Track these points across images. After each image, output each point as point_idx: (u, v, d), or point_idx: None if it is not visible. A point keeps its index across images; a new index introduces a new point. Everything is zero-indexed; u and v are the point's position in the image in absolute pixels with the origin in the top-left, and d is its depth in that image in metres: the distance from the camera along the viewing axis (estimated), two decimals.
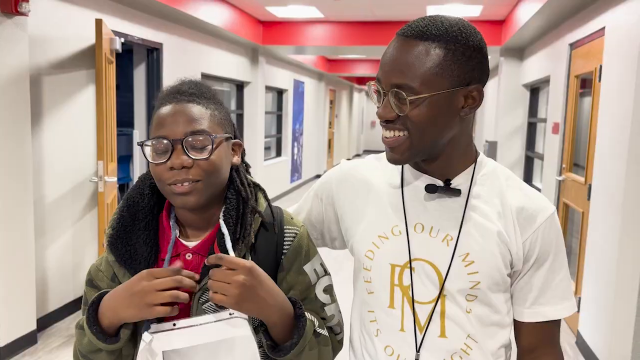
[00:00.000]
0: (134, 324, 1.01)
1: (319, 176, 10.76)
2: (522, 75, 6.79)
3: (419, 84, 0.93)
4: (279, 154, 10.10)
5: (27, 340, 3.44)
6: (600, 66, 3.58)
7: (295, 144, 10.77)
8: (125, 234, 1.05)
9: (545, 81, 5.73)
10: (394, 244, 1.05)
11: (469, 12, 6.23)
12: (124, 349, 1.02)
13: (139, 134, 5.09)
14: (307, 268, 1.09)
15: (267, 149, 9.51)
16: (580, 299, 3.73)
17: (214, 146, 1.00)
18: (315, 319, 1.07)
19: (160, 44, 5.22)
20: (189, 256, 1.04)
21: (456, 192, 1.03)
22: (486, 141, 7.53)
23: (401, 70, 0.94)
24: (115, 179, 3.87)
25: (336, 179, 1.19)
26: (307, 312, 1.05)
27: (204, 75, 6.34)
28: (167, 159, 0.98)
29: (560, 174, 4.64)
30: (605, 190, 3.34)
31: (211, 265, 0.98)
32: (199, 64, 6.18)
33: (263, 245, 1.06)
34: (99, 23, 3.60)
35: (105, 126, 3.59)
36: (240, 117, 7.88)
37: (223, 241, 1.01)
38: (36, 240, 3.60)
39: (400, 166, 1.10)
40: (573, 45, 4.46)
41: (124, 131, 5.88)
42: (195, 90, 1.04)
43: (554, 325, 1.07)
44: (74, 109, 3.97)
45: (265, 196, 1.12)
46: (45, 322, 3.74)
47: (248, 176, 1.12)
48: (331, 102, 14.26)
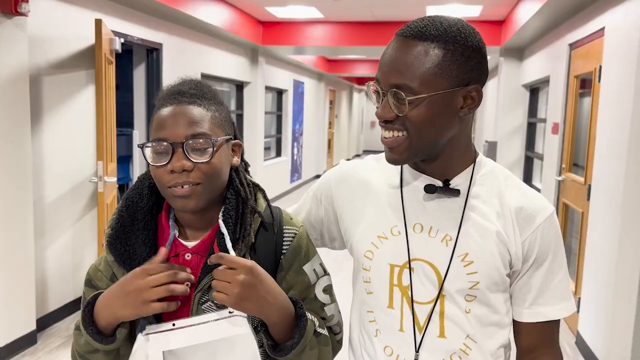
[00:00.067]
0: (131, 323, 1.01)
1: (318, 176, 10.76)
2: (522, 76, 6.79)
3: (417, 84, 0.93)
4: (278, 154, 10.10)
5: (27, 341, 3.44)
6: (600, 66, 3.58)
7: (295, 144, 10.76)
8: (125, 234, 1.05)
9: (545, 81, 5.73)
10: (393, 244, 1.06)
11: (469, 12, 6.23)
12: (121, 348, 1.02)
13: (138, 134, 5.09)
14: (307, 268, 1.09)
15: (267, 149, 9.50)
16: (580, 299, 3.73)
17: (215, 149, 1.00)
18: (316, 319, 1.07)
19: (160, 44, 5.22)
20: (188, 256, 1.04)
21: (455, 192, 1.03)
22: (486, 141, 7.53)
23: (400, 71, 0.94)
24: (114, 179, 3.87)
25: (335, 179, 1.19)
26: (308, 312, 1.05)
27: (204, 76, 6.34)
28: (168, 161, 0.98)
29: (559, 174, 4.64)
30: (604, 190, 3.34)
31: (213, 265, 0.98)
32: (199, 64, 6.18)
33: (262, 246, 1.06)
34: (98, 23, 3.60)
35: (105, 126, 3.59)
36: (240, 118, 7.88)
37: (222, 241, 1.01)
38: (36, 240, 3.60)
39: (400, 166, 1.10)
40: (573, 46, 4.46)
41: (124, 131, 5.87)
42: (196, 91, 1.04)
43: (553, 325, 1.07)
44: (74, 109, 3.97)
45: (265, 196, 1.12)
46: (44, 322, 3.74)
47: (248, 176, 1.12)
48: (331, 103, 14.26)
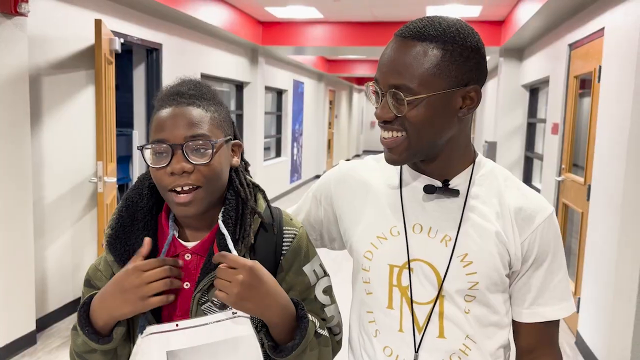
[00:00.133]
0: (128, 323, 1.01)
1: (318, 176, 10.75)
2: (522, 76, 6.79)
3: (416, 85, 0.93)
4: (278, 154, 10.10)
5: (27, 341, 3.44)
6: (600, 67, 3.58)
7: (295, 145, 10.76)
8: (124, 234, 1.05)
9: (545, 82, 5.73)
10: (392, 244, 1.06)
11: (469, 13, 6.23)
12: (118, 348, 1.02)
13: (138, 134, 5.09)
14: (307, 269, 1.09)
15: (267, 149, 9.50)
16: (579, 299, 3.73)
17: (214, 150, 1.00)
18: (317, 320, 1.07)
19: (160, 45, 5.22)
20: (188, 256, 1.04)
21: (454, 193, 1.03)
22: (485, 141, 7.52)
23: (399, 71, 0.94)
24: (114, 180, 3.87)
25: (335, 179, 1.19)
26: (309, 314, 1.05)
27: (204, 76, 6.34)
28: (167, 163, 0.98)
29: (559, 175, 4.64)
30: (604, 190, 3.34)
31: (212, 266, 0.99)
32: (199, 64, 6.18)
33: (262, 246, 1.06)
34: (98, 23, 3.60)
35: (105, 126, 3.59)
36: (239, 118, 7.88)
37: (222, 242, 1.01)
38: (35, 240, 3.60)
39: (399, 167, 1.10)
40: (572, 46, 4.46)
41: (124, 131, 5.87)
42: (195, 92, 1.04)
43: (553, 325, 1.08)
44: (74, 109, 3.97)
45: (265, 197, 1.12)
46: (44, 323, 3.74)
47: (247, 177, 1.12)
48: (331, 103, 14.26)
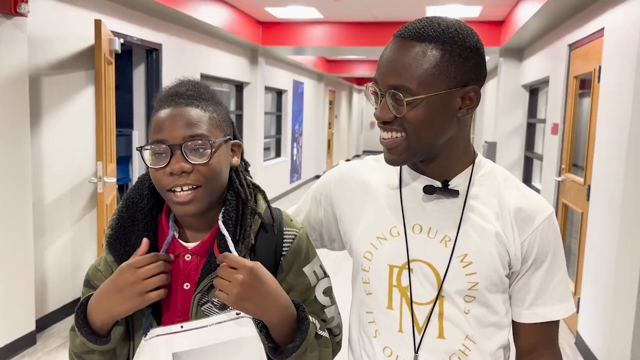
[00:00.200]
0: (126, 323, 1.01)
1: (318, 177, 10.76)
2: (522, 76, 6.79)
3: (416, 85, 0.93)
4: (278, 154, 10.10)
5: (26, 341, 3.44)
6: (600, 67, 3.58)
7: (295, 145, 10.76)
8: (124, 235, 1.05)
9: (545, 82, 5.73)
10: (392, 245, 1.06)
11: (469, 13, 6.23)
12: (117, 348, 1.02)
13: (138, 134, 5.09)
14: (307, 270, 1.09)
15: (267, 149, 9.50)
16: (579, 299, 3.73)
17: (213, 150, 1.00)
18: (317, 321, 1.07)
19: (160, 45, 5.22)
20: (188, 257, 1.04)
21: (454, 193, 1.03)
22: (485, 142, 7.52)
23: (398, 72, 0.94)
24: (114, 180, 3.87)
25: (334, 180, 1.19)
26: (309, 315, 1.05)
27: (203, 76, 6.34)
28: (166, 164, 0.98)
29: (559, 175, 4.64)
30: (604, 191, 3.34)
31: (212, 266, 0.99)
32: (198, 64, 6.18)
33: (262, 247, 1.06)
34: (98, 24, 3.60)
35: (105, 127, 3.59)
36: (239, 118, 7.88)
37: (222, 242, 1.01)
38: (35, 241, 3.60)
39: (399, 167, 1.10)
40: (572, 46, 4.46)
41: (124, 132, 5.87)
42: (194, 92, 1.04)
43: (553, 326, 1.08)
44: (73, 109, 3.97)
45: (265, 197, 1.12)
46: (44, 323, 3.74)
47: (248, 177, 1.12)
48: (330, 103, 14.26)
